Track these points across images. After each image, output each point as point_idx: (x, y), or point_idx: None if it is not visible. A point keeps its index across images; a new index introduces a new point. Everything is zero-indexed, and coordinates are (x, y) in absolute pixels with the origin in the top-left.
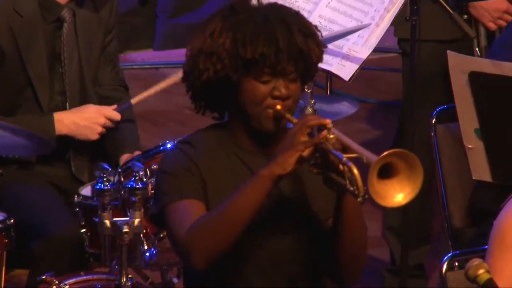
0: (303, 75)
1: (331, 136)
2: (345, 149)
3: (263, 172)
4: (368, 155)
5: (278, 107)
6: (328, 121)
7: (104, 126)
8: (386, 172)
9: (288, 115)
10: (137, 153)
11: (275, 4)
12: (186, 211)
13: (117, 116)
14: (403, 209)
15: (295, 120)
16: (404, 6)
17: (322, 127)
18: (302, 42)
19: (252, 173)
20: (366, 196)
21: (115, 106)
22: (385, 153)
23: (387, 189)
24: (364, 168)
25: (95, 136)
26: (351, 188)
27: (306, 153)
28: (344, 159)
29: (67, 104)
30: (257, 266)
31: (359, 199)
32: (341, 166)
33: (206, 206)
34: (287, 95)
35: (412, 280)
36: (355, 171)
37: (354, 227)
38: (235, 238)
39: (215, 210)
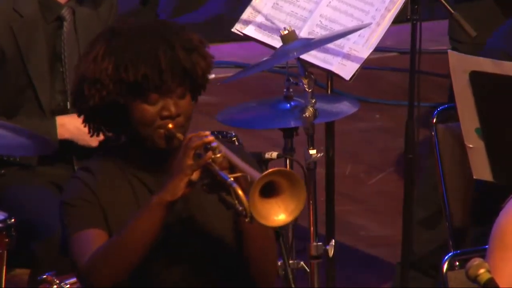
0: (191, 89)
1: (218, 155)
2: (232, 167)
3: (154, 200)
4: (253, 174)
5: (170, 125)
6: (211, 139)
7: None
8: (270, 191)
9: (179, 135)
10: None
11: (157, 21)
12: (86, 241)
13: None
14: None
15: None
16: (405, 5)
17: (207, 148)
18: (185, 58)
19: (152, 194)
20: (252, 216)
21: None
22: (266, 172)
23: (270, 207)
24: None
25: (94, 143)
26: (240, 208)
27: (194, 176)
28: (229, 180)
29: (68, 103)
30: None
31: (246, 220)
32: (229, 187)
33: (108, 234)
34: (176, 113)
35: (425, 278)
36: (240, 192)
37: (257, 243)
38: (133, 266)
39: (113, 239)
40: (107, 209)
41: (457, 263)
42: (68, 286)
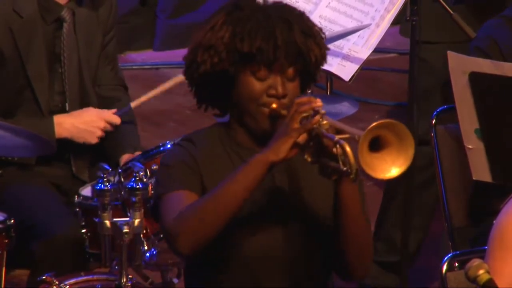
0: (302, 75)
1: (324, 122)
2: (338, 132)
3: (256, 157)
4: (360, 134)
5: (274, 105)
6: (319, 104)
7: (103, 130)
8: (377, 146)
9: (283, 113)
10: (137, 153)
11: (280, 3)
12: (179, 200)
13: (117, 120)
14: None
15: None
16: (404, 6)
17: (315, 113)
18: (301, 41)
19: None
20: (358, 171)
21: (115, 110)
22: (374, 124)
23: (378, 162)
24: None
25: (94, 140)
26: (344, 169)
27: (300, 139)
28: (336, 138)
29: (67, 104)
30: (246, 262)
31: (351, 176)
32: (334, 150)
33: None
34: (283, 93)
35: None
36: (347, 148)
37: (355, 221)
38: (223, 223)
39: (206, 195)
40: (206, 177)
41: (457, 264)
42: (67, 287)
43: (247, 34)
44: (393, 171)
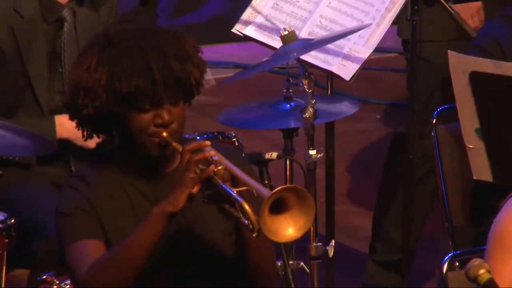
0: (184, 97)
1: (219, 167)
2: (235, 180)
3: (155, 210)
4: (258, 188)
5: (164, 134)
6: (212, 153)
7: None
8: (279, 207)
9: (174, 144)
10: None
11: (151, 29)
12: (84, 252)
13: None
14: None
15: (180, 148)
16: (405, 6)
17: (209, 159)
18: (178, 68)
19: (149, 202)
20: (260, 231)
21: None
22: (276, 189)
23: (279, 223)
24: (256, 199)
25: (92, 144)
26: (246, 222)
27: (195, 189)
28: (235, 194)
29: None
30: None
31: (254, 234)
32: (232, 199)
33: (106, 245)
34: (169, 121)
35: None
36: (247, 207)
37: (258, 251)
38: (133, 275)
39: (112, 250)
40: (104, 218)
41: (457, 264)
42: (68, 286)
43: (123, 74)
44: (293, 233)
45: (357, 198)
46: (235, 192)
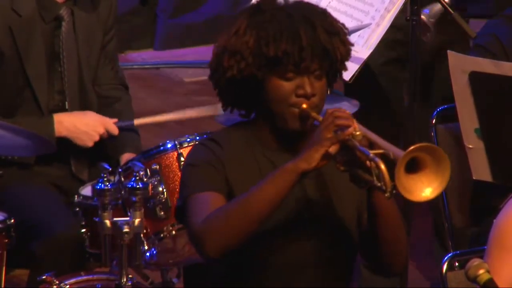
0: (328, 73)
1: (358, 132)
2: (372, 145)
3: (288, 165)
4: (394, 151)
5: (304, 105)
6: (356, 126)
7: (100, 136)
8: (413, 167)
9: (314, 114)
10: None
11: (301, 2)
12: (206, 202)
13: (115, 131)
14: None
15: (321, 119)
16: (404, 6)
17: (348, 125)
18: (326, 40)
19: None
20: (394, 191)
21: (115, 120)
22: (412, 147)
23: (414, 183)
24: (391, 163)
25: (90, 143)
26: (378, 184)
27: (332, 149)
28: (371, 155)
29: (66, 103)
30: (278, 270)
31: (386, 195)
32: (368, 162)
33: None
34: (311, 93)
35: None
36: (382, 166)
37: (390, 224)
38: (251, 230)
39: (235, 200)
40: (231, 179)
41: (457, 264)
42: (67, 286)
43: (272, 38)
44: (429, 193)
45: None
46: (371, 153)
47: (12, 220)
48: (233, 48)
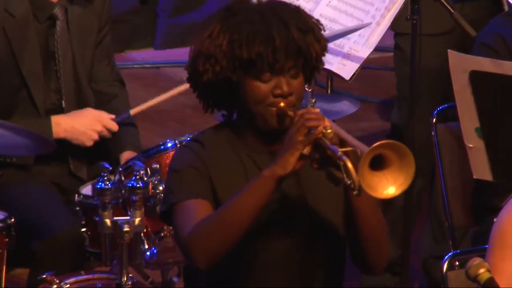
0: (304, 71)
1: (329, 131)
2: (342, 143)
3: (265, 173)
4: (362, 148)
5: (281, 104)
6: (327, 124)
7: (100, 135)
8: (379, 164)
9: (290, 113)
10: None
11: (274, 1)
12: (192, 211)
13: (114, 127)
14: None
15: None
16: (404, 5)
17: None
18: (299, 38)
19: None
20: (361, 189)
21: (113, 116)
22: (375, 144)
23: (379, 180)
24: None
25: (89, 143)
26: (348, 182)
27: (306, 151)
28: (339, 153)
29: (63, 102)
30: (263, 269)
31: (354, 192)
32: (338, 160)
33: (215, 207)
34: (288, 92)
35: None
36: (349, 164)
37: (368, 223)
38: (237, 238)
39: (218, 210)
40: (216, 184)
41: (457, 263)
42: (68, 285)
43: (245, 40)
44: (393, 190)
45: None
46: (340, 151)
47: (13, 219)
48: (207, 51)
